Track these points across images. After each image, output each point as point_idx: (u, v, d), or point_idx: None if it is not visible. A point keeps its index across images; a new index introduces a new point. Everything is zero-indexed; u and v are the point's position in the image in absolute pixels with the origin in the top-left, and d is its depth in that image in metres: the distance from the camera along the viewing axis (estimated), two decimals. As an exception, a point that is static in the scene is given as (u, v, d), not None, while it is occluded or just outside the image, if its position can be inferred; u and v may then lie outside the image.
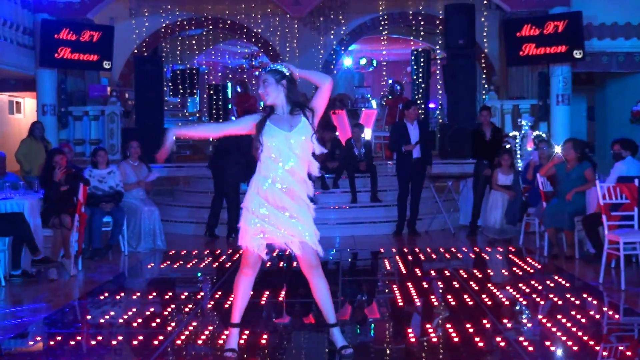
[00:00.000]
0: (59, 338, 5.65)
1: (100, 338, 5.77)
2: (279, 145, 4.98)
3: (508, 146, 13.16)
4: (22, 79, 15.43)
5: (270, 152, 5.00)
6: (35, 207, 8.48)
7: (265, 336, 5.73)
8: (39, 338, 5.92)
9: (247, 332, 5.77)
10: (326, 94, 5.09)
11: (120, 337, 5.76)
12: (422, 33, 20.03)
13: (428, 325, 6.13)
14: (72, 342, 5.60)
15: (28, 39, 14.52)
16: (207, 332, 5.90)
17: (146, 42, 18.72)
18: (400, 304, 6.97)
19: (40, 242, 8.38)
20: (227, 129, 5.59)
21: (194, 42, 22.24)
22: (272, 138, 4.98)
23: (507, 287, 7.70)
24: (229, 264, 9.13)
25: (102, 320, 6.38)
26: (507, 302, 7.03)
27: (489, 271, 8.56)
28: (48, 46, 14.32)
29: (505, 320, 6.26)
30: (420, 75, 19.15)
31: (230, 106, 19.97)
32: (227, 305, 6.81)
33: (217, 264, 9.22)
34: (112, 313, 6.65)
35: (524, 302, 7.01)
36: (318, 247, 5.17)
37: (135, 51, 18.25)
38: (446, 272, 8.39)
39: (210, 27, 19.79)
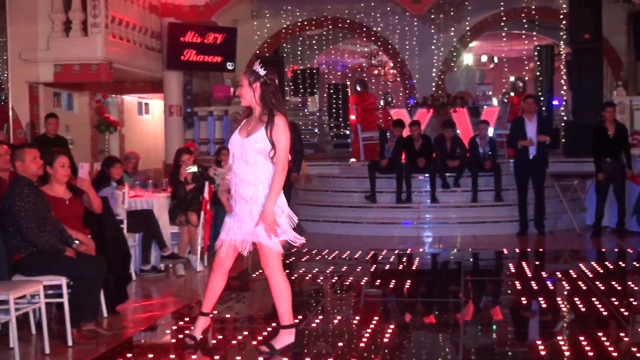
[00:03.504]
0: (186, 331, 5.83)
1: (225, 333, 5.91)
2: (234, 149, 5.14)
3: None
4: (150, 80, 15.98)
5: (230, 154, 5.21)
6: (163, 205, 8.79)
7: (387, 335, 5.73)
8: (167, 331, 6.13)
9: (369, 330, 5.80)
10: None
11: (245, 333, 5.87)
12: (544, 28, 19.52)
13: (552, 329, 5.97)
14: (200, 336, 5.76)
15: (155, 42, 15.04)
16: (329, 329, 5.94)
17: (268, 43, 19.04)
18: (524, 305, 6.83)
19: (168, 239, 8.68)
20: None
21: (314, 42, 22.45)
22: (232, 143, 5.17)
23: (637, 289, 7.41)
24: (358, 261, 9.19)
25: (227, 316, 6.53)
26: (636, 305, 6.77)
27: (618, 274, 8.26)
28: (174, 49, 14.80)
29: (634, 323, 6.04)
30: (544, 71, 18.69)
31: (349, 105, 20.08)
32: (352, 303, 6.85)
33: (338, 262, 9.28)
34: (237, 309, 6.80)
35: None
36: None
37: (257, 52, 18.59)
38: (572, 273, 8.15)
39: (330, 26, 19.93)
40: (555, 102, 18.94)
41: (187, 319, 6.40)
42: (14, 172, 6.03)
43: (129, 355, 5.30)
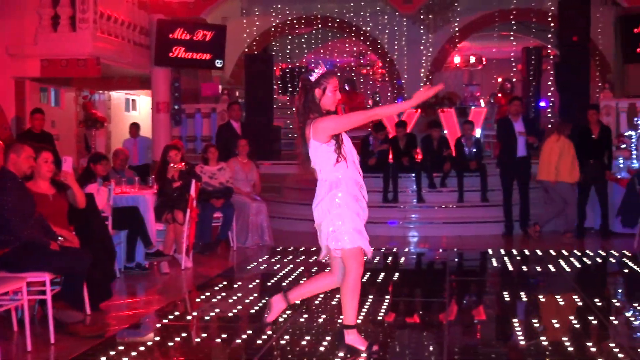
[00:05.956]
0: (170, 330, 5.81)
1: (209, 331, 5.90)
2: (347, 152, 5.18)
3: (623, 146, 12.72)
4: (138, 77, 15.96)
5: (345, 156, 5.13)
6: (149, 202, 8.76)
7: (371, 334, 5.73)
8: (151, 329, 6.11)
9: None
10: None
11: (229, 331, 5.87)
12: (533, 30, 19.61)
13: (536, 327, 5.98)
14: (184, 334, 5.75)
15: (144, 39, 15.00)
16: (312, 330, 5.94)
17: (257, 41, 19.04)
18: (507, 305, 6.85)
19: (154, 236, 8.65)
20: None
21: (303, 40, 22.46)
22: (344, 145, 5.16)
23: (620, 291, 7.44)
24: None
25: (212, 314, 6.52)
26: (618, 306, 6.81)
27: (599, 274, 8.30)
28: (163, 45, 14.78)
29: (616, 324, 6.07)
30: (532, 72, 18.76)
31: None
32: (334, 302, 6.85)
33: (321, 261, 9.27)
34: (221, 307, 6.79)
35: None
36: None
37: (246, 50, 18.57)
38: (553, 273, 8.19)
39: (320, 25, 19.94)
40: (542, 104, 19.01)
41: (171, 316, 6.38)
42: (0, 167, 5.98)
43: (112, 353, 5.28)
